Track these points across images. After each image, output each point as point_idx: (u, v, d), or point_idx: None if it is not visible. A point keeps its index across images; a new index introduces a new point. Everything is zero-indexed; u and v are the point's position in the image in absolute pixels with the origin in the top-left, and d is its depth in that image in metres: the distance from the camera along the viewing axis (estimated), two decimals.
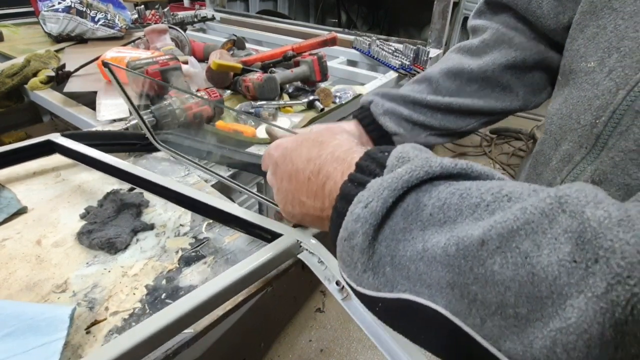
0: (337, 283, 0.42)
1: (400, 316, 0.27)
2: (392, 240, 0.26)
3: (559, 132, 0.47)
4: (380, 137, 0.62)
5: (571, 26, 0.47)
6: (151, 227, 0.63)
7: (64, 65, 1.18)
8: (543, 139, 0.51)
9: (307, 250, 0.46)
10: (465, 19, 2.67)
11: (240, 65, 1.18)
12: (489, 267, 0.21)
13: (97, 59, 1.24)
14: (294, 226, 0.49)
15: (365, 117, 0.62)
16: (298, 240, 0.46)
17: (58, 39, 1.57)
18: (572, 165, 0.44)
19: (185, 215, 0.66)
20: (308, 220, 0.38)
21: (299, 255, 0.47)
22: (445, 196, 0.25)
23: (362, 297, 0.28)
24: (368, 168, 0.30)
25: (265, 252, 0.44)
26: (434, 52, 1.77)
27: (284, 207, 0.40)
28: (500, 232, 0.21)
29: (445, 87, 0.61)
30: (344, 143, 0.35)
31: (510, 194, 0.23)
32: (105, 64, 0.69)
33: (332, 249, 0.44)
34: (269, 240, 0.48)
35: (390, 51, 1.70)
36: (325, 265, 0.44)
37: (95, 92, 1.07)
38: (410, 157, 0.28)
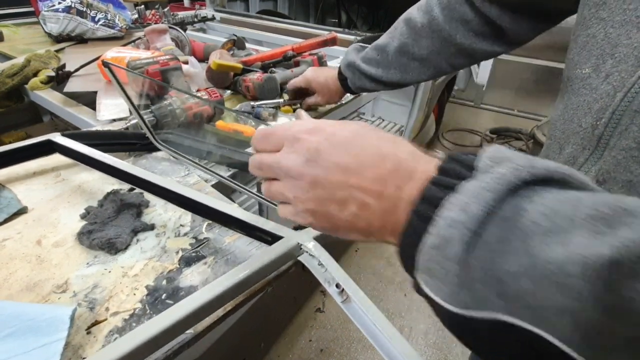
0: (337, 285, 0.42)
1: (490, 339, 0.24)
2: (484, 251, 0.23)
3: (562, 137, 0.48)
4: (347, 88, 0.97)
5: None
6: (151, 227, 0.63)
7: (64, 65, 1.18)
8: (548, 145, 0.53)
9: (307, 252, 0.46)
10: None
11: (241, 65, 1.18)
12: (626, 295, 0.18)
13: (97, 59, 1.24)
14: (295, 228, 0.49)
15: (342, 79, 0.96)
16: (298, 243, 0.46)
17: (58, 39, 1.57)
18: (576, 167, 0.45)
19: (186, 216, 0.66)
20: (350, 225, 0.31)
21: (299, 258, 0.47)
22: (551, 203, 0.22)
23: (445, 314, 0.25)
24: (454, 170, 0.26)
25: (265, 255, 0.44)
26: None
27: (315, 207, 0.32)
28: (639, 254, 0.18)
29: (395, 61, 0.83)
30: (415, 147, 0.32)
31: (630, 208, 0.20)
32: (105, 64, 0.69)
33: (332, 252, 0.45)
34: (269, 243, 0.48)
35: None
36: (325, 268, 0.44)
37: (96, 92, 1.07)
38: (508, 157, 0.25)
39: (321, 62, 1.23)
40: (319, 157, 0.31)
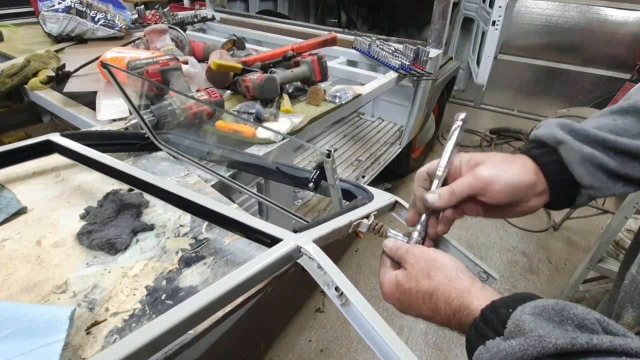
0: (336, 289, 0.42)
1: None
2: None
3: None
4: (560, 183, 0.47)
5: None
6: (151, 227, 0.63)
7: (63, 66, 1.18)
8: None
9: (306, 255, 0.46)
10: (465, 19, 2.67)
11: (240, 66, 1.18)
12: None
13: (97, 59, 1.24)
14: (294, 231, 0.49)
15: (549, 162, 0.47)
16: (298, 246, 0.46)
17: (58, 39, 1.57)
18: None
19: (185, 216, 0.66)
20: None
21: (298, 260, 0.47)
22: None
23: None
24: (491, 322, 0.34)
25: (265, 257, 0.44)
26: (433, 52, 1.77)
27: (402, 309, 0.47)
28: None
29: None
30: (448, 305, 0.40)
31: None
32: (104, 65, 0.69)
33: (332, 252, 0.45)
34: (269, 245, 0.48)
35: (390, 51, 1.70)
36: (324, 271, 0.44)
37: (95, 92, 1.07)
38: (525, 330, 0.31)
39: (321, 62, 1.23)
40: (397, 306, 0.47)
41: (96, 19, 1.56)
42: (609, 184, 0.46)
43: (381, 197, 0.59)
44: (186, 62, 1.20)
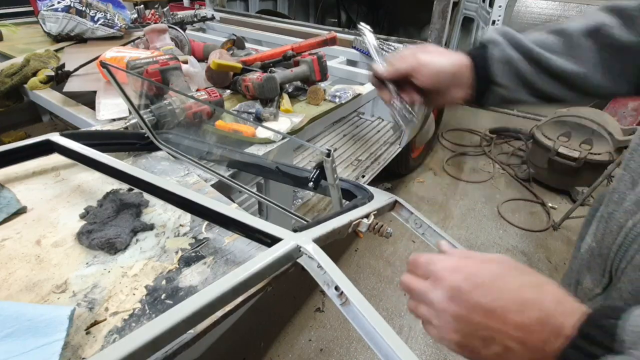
0: (336, 288, 0.42)
1: None
2: None
3: (638, 170, 0.44)
4: (480, 78, 0.53)
5: None
6: (151, 227, 0.63)
7: (63, 65, 1.18)
8: (620, 176, 0.47)
9: (306, 254, 0.46)
10: (465, 18, 2.66)
11: (240, 65, 1.18)
12: None
13: (96, 58, 1.24)
14: (294, 230, 0.49)
15: (477, 55, 0.53)
16: (297, 245, 0.46)
17: (57, 38, 1.57)
18: None
19: (185, 215, 0.66)
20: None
21: (298, 260, 0.47)
22: None
23: None
24: (595, 339, 0.29)
25: (265, 257, 0.44)
26: None
27: (460, 340, 0.35)
28: None
29: (584, 48, 0.49)
30: (560, 290, 0.34)
31: None
32: (103, 65, 0.69)
33: (331, 252, 0.45)
34: (269, 245, 0.48)
35: (390, 51, 1.70)
36: (324, 270, 0.44)
37: (95, 92, 1.07)
38: None
39: (321, 61, 1.23)
40: (460, 296, 0.35)
41: (96, 19, 1.56)
42: (518, 88, 0.52)
43: (381, 197, 0.59)
44: (186, 62, 1.20)
